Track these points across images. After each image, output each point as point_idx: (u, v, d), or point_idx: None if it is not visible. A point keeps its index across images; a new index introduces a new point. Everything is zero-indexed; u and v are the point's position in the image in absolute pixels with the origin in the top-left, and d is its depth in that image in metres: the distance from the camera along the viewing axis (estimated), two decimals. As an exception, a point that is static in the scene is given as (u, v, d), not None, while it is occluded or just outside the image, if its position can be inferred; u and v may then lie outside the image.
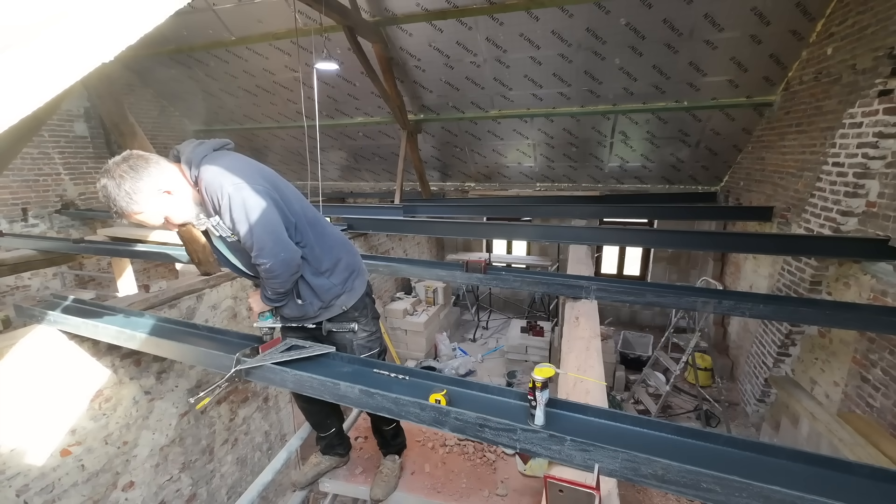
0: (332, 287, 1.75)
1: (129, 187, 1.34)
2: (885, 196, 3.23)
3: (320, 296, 1.74)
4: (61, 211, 6.21)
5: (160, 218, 1.46)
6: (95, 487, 2.49)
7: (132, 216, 1.40)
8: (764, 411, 4.47)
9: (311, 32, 4.94)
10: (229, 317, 3.28)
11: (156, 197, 1.40)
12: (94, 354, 2.45)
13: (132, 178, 1.34)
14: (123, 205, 1.35)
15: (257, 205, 1.45)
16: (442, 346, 7.01)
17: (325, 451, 2.29)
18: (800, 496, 1.04)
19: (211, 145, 1.52)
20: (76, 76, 0.65)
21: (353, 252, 1.87)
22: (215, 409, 3.23)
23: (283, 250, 1.53)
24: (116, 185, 1.33)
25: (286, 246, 1.54)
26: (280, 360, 1.72)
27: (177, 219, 1.49)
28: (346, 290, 1.79)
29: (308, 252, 1.65)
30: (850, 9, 3.68)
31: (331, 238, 1.76)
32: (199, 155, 1.47)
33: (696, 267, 7.58)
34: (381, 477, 2.17)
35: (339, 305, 1.80)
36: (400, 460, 2.29)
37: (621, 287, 2.76)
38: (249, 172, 1.49)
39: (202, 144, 1.51)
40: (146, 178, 1.37)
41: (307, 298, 1.74)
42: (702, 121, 5.58)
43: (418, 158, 6.77)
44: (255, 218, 1.45)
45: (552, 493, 1.23)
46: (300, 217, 1.62)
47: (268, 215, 1.47)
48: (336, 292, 1.77)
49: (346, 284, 1.79)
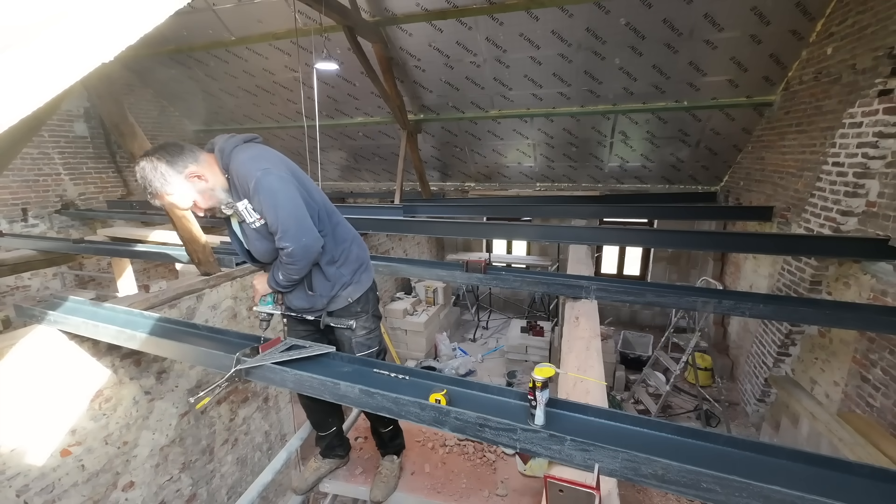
0: (341, 276, 1.81)
1: (164, 170, 1.47)
2: (884, 196, 3.23)
3: (330, 283, 1.79)
4: (61, 211, 6.21)
5: (189, 201, 1.57)
6: (95, 487, 2.49)
7: (164, 197, 1.52)
8: (764, 411, 4.47)
9: (311, 32, 4.93)
10: (229, 317, 3.28)
11: (187, 180, 1.52)
12: (94, 354, 2.45)
13: (167, 161, 1.48)
14: (157, 185, 1.48)
15: (283, 189, 1.55)
16: (442, 346, 7.01)
17: (324, 454, 2.29)
18: (800, 496, 1.04)
19: (241, 138, 1.64)
20: (76, 76, 0.65)
21: (363, 246, 1.94)
22: (215, 409, 3.23)
23: (306, 235, 1.60)
24: (153, 167, 1.46)
25: (309, 231, 1.61)
26: (280, 359, 1.72)
27: (204, 203, 1.60)
28: (353, 282, 1.85)
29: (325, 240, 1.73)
30: (849, 8, 3.68)
31: (344, 229, 1.85)
32: (230, 145, 1.60)
33: (696, 267, 7.58)
34: (380, 478, 2.18)
35: (344, 297, 1.84)
36: (399, 461, 2.30)
37: (621, 287, 2.75)
38: (276, 161, 1.60)
39: (233, 137, 1.63)
40: (179, 162, 1.50)
41: (317, 290, 1.78)
42: (702, 121, 5.58)
43: (418, 158, 6.77)
44: (281, 201, 1.55)
45: (552, 493, 1.23)
46: (321, 206, 1.72)
47: (293, 200, 1.57)
48: (344, 282, 1.82)
49: (353, 276, 1.85)
